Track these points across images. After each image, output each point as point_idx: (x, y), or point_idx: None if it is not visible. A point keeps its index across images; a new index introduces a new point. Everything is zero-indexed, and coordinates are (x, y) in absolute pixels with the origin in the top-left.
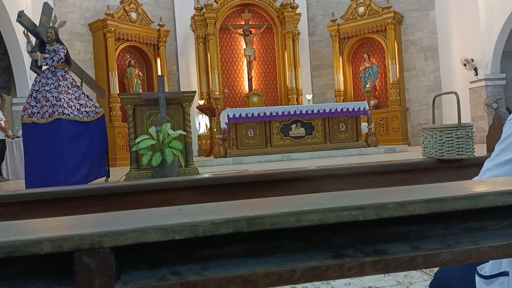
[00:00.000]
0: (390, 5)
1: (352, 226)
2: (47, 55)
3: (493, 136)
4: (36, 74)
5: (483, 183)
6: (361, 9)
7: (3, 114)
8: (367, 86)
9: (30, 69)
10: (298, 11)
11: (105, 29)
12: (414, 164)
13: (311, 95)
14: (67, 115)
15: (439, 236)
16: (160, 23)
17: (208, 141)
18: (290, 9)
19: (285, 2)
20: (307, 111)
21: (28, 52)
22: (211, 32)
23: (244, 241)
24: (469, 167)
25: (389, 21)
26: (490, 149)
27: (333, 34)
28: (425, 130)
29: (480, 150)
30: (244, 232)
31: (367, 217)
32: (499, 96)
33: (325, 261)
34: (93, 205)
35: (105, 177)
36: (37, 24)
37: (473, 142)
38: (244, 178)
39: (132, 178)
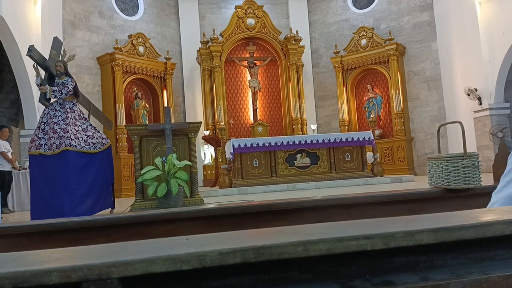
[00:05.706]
0: (392, 37)
1: (361, 256)
2: (55, 88)
3: (499, 165)
4: (44, 107)
5: (491, 212)
6: (363, 41)
7: (11, 146)
8: (371, 116)
9: (39, 101)
10: (301, 44)
11: (113, 63)
12: (421, 194)
13: (316, 125)
14: (74, 147)
15: (448, 266)
16: (167, 56)
17: (213, 171)
18: (293, 42)
19: (288, 35)
20: (312, 141)
21: (37, 85)
22: (217, 64)
23: (251, 272)
24: (476, 196)
25: (392, 53)
26: (497, 178)
27: (336, 65)
28: (431, 159)
29: (486, 179)
30: (251, 262)
31: (375, 246)
32: (504, 125)
33: None
34: (98, 237)
35: (110, 208)
36: (47, 57)
37: (479, 171)
38: (250, 208)
39: (137, 209)
